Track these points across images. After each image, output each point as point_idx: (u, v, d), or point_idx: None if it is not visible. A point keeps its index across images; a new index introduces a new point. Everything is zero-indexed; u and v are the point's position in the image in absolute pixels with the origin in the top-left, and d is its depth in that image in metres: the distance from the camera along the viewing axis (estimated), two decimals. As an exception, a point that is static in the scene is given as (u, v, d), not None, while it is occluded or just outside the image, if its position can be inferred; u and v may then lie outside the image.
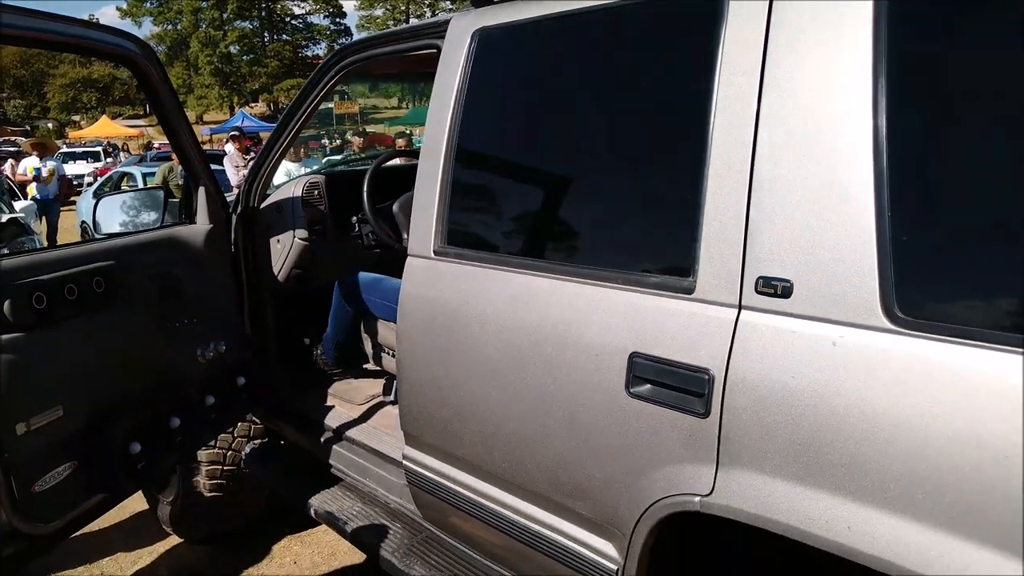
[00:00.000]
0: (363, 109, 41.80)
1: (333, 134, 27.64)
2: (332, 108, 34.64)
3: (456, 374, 1.83)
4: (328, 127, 29.82)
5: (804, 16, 1.27)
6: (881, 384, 1.11)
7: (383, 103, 51.90)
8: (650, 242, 1.52)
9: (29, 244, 6.46)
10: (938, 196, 1.16)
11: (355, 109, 37.63)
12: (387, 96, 50.83)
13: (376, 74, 3.54)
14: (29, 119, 53.89)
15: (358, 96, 39.37)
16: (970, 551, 1.02)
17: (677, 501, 1.38)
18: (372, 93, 48.09)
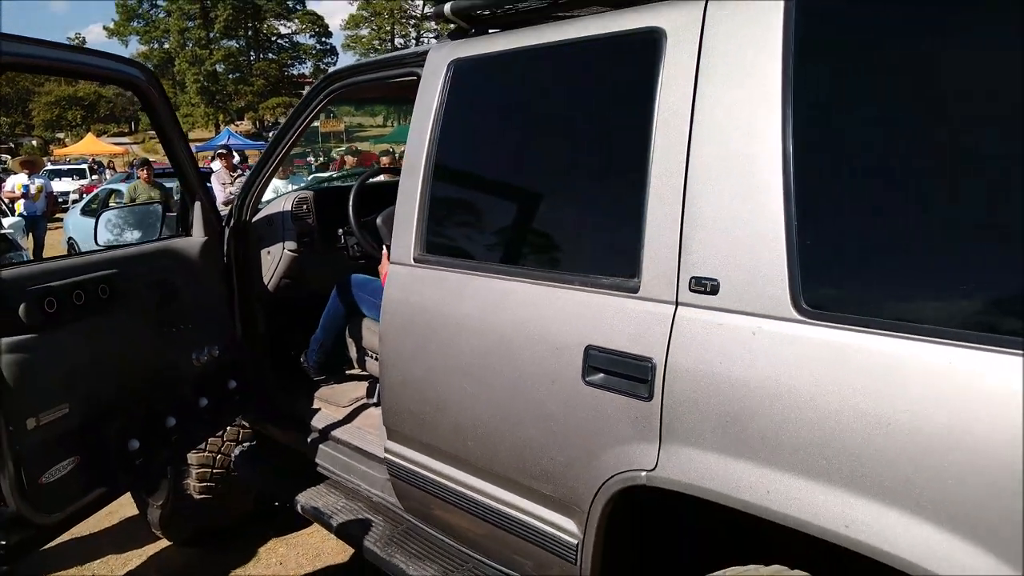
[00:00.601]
0: (349, 127, 42.09)
1: (319, 152, 27.87)
2: (318, 126, 34.90)
3: (433, 370, 2.01)
4: (314, 145, 30.06)
5: (727, 53, 1.48)
6: (790, 365, 1.31)
7: (368, 121, 52.21)
8: (602, 249, 1.72)
9: (17, 259, 6.59)
10: (836, 208, 1.36)
11: (340, 127, 37.92)
12: (372, 115, 51.17)
13: (361, 98, 3.72)
14: (13, 136, 53.73)
15: (344, 115, 39.66)
16: (864, 504, 1.22)
17: (627, 476, 1.56)
18: (358, 112, 48.41)
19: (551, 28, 1.89)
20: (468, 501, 2.00)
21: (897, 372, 1.20)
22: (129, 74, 2.34)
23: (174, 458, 2.78)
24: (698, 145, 1.50)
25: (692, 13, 1.57)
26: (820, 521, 1.26)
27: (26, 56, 2.01)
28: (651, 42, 1.62)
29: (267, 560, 3.39)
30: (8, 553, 2.06)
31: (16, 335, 1.99)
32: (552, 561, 1.80)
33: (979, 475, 1.10)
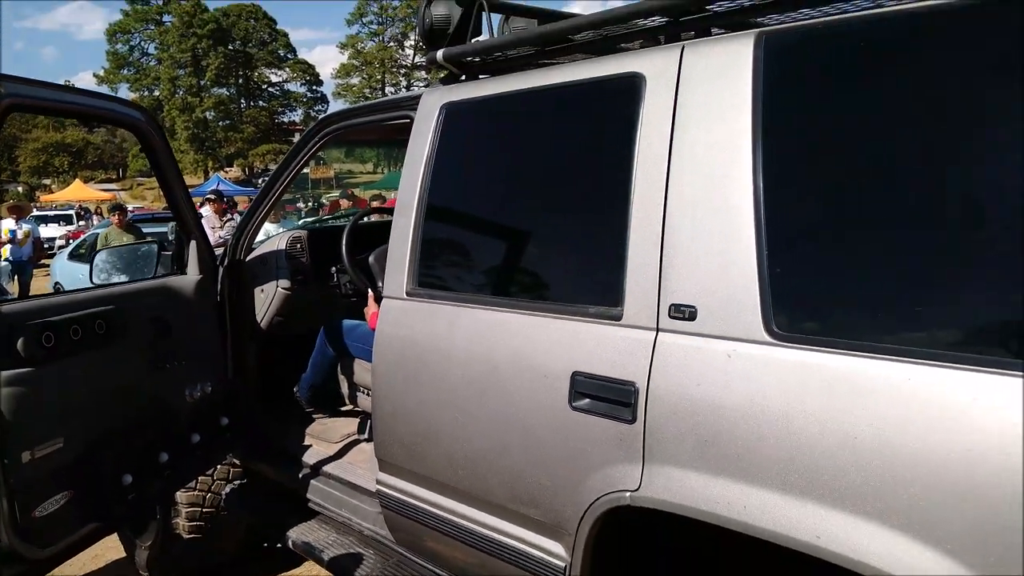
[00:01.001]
0: (339, 174, 42.51)
1: (308, 198, 28.08)
2: (308, 173, 35.18)
3: (425, 400, 2.07)
4: (304, 191, 30.29)
5: (701, 96, 1.59)
6: (763, 386, 1.39)
7: (359, 168, 52.75)
8: (587, 280, 1.81)
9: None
10: (802, 240, 1.46)
11: (331, 174, 38.25)
12: (362, 162, 51.73)
13: (354, 140, 3.84)
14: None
15: (334, 161, 40.08)
16: (834, 516, 1.28)
17: (612, 497, 1.62)
18: (348, 158, 48.96)
19: (538, 73, 2.00)
20: (459, 529, 2.04)
21: (861, 389, 1.28)
22: (130, 115, 2.44)
23: (166, 493, 2.79)
24: (675, 183, 1.60)
25: (669, 59, 1.68)
26: (794, 533, 1.32)
27: (32, 97, 2.10)
28: (632, 86, 1.73)
29: (255, 600, 3.38)
30: (0, 586, 2.08)
31: (13, 369, 2.04)
32: (540, 586, 1.84)
33: (939, 484, 1.17)
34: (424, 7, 2.27)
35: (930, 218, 1.32)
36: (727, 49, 1.60)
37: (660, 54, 1.72)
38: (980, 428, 1.15)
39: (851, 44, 1.45)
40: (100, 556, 3.85)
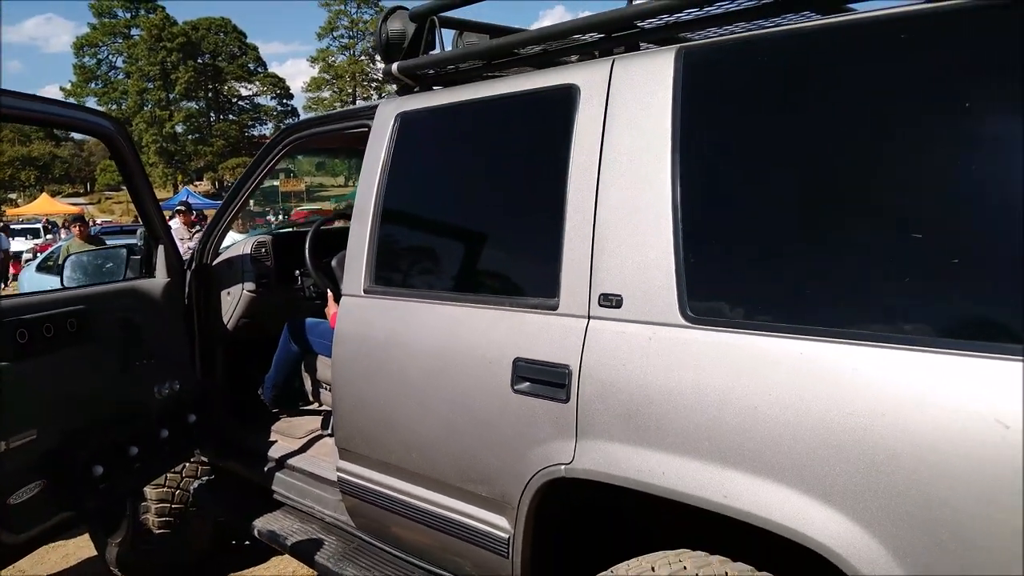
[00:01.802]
0: (310, 187, 42.40)
1: (279, 211, 28.05)
2: (278, 186, 35.10)
3: (382, 389, 2.21)
4: (274, 204, 30.23)
5: (628, 105, 1.76)
6: (678, 363, 1.55)
7: (329, 181, 52.65)
8: (528, 274, 1.96)
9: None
10: (713, 235, 1.63)
11: (301, 187, 38.14)
12: (333, 175, 51.64)
13: (317, 149, 3.98)
14: (-38, 197, 52.85)
15: (304, 174, 39.97)
16: (739, 477, 1.44)
17: (549, 471, 1.77)
18: (319, 172, 48.90)
19: (485, 85, 2.17)
20: (414, 510, 2.17)
21: (761, 364, 1.45)
22: (100, 125, 2.56)
23: (136, 486, 2.88)
24: (605, 185, 1.77)
25: (601, 71, 1.86)
26: (704, 494, 1.49)
27: (11, 107, 2.21)
28: (568, 97, 1.90)
29: (223, 594, 3.47)
30: (-26, 572, 2.17)
31: None
32: (487, 558, 1.98)
33: (826, 444, 1.34)
34: (381, 23, 2.42)
35: (817, 216, 1.50)
36: (651, 62, 1.77)
37: (593, 67, 1.89)
38: (860, 394, 1.32)
39: (757, 58, 1.63)
40: (71, 555, 3.92)
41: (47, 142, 59.21)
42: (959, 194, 1.33)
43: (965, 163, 1.34)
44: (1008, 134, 1.29)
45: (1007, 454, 1.14)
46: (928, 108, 1.39)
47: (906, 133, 1.41)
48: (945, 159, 1.36)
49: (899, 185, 1.40)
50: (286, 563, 3.72)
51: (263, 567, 3.70)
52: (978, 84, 1.33)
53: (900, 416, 1.26)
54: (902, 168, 1.40)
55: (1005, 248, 1.24)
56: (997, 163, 1.31)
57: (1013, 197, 1.23)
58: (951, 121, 1.36)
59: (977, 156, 1.34)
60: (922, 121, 1.40)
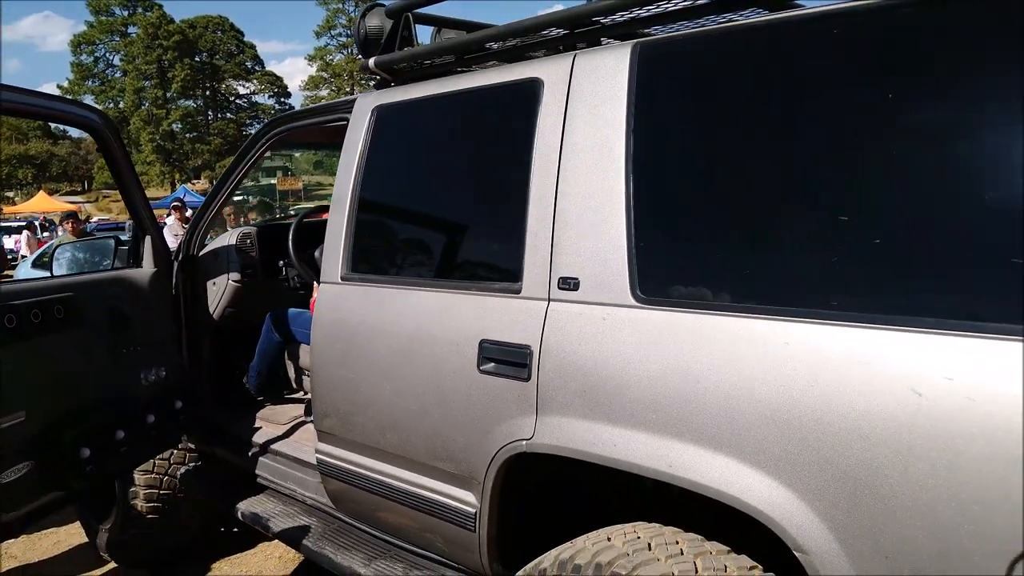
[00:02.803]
0: (307, 186, 42.42)
1: (276, 210, 28.06)
2: (275, 184, 35.11)
3: (357, 372, 2.30)
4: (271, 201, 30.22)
5: (587, 97, 1.84)
6: (629, 341, 1.64)
7: (327, 180, 52.59)
8: (494, 261, 2.05)
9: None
10: (663, 222, 1.71)
11: (299, 186, 38.16)
12: (332, 173, 51.54)
13: (299, 143, 4.07)
14: (-40, 195, 52.84)
15: (302, 173, 39.99)
16: (683, 447, 1.53)
17: (512, 447, 1.86)
18: (316, 171, 48.96)
19: (458, 78, 2.25)
20: (388, 488, 2.26)
21: (703, 340, 1.53)
22: (87, 117, 2.65)
23: (123, 469, 2.96)
24: (565, 174, 1.85)
25: (563, 65, 1.94)
26: (651, 464, 1.57)
27: (7, 100, 2.29)
28: (532, 89, 1.98)
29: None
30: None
31: None
32: (456, 533, 2.06)
33: (762, 415, 1.42)
34: (359, 19, 2.50)
35: (755, 204, 1.59)
36: (609, 57, 1.85)
37: (556, 61, 1.97)
38: (792, 367, 1.40)
39: (707, 52, 1.72)
40: (62, 541, 4.01)
41: (44, 140, 59.25)
42: (883, 182, 1.42)
43: (900, 152, 1.42)
44: (944, 123, 1.37)
45: (920, 420, 1.23)
46: (871, 98, 1.47)
47: (848, 124, 1.49)
48: (880, 151, 1.45)
49: (830, 176, 1.48)
50: (273, 548, 3.80)
51: (251, 552, 3.78)
52: (916, 73, 1.41)
53: (826, 385, 1.34)
54: (840, 160, 1.49)
55: (918, 227, 1.33)
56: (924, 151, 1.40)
57: (929, 183, 1.32)
58: (892, 110, 1.44)
59: (902, 144, 1.42)
60: (864, 112, 1.48)
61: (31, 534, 4.11)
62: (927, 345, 1.25)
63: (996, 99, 1.32)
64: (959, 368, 1.21)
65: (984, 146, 1.34)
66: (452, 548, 2.14)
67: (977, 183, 1.32)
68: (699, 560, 1.57)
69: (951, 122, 1.37)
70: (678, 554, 1.59)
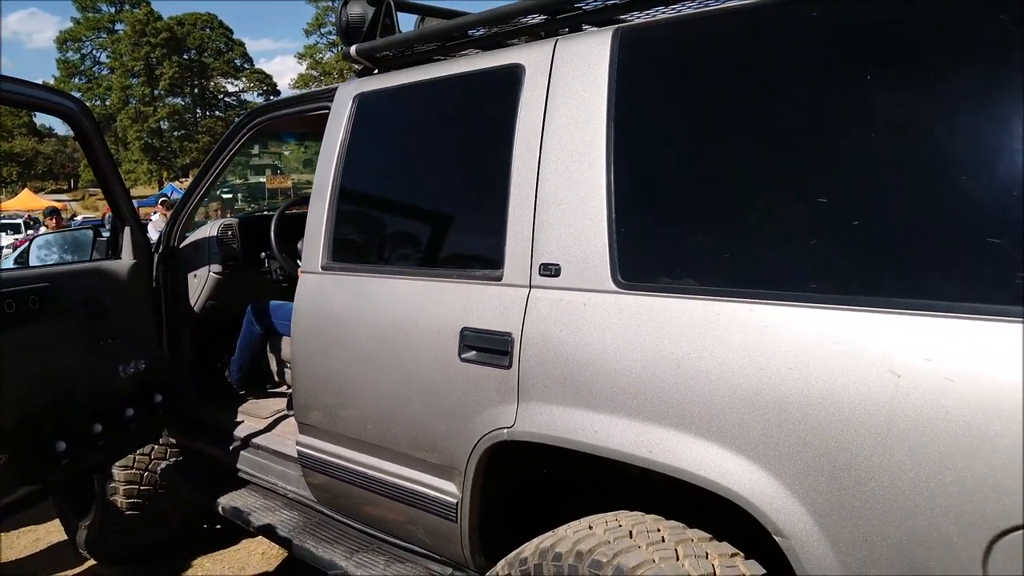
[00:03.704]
0: (296, 184, 42.25)
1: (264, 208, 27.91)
2: (264, 182, 34.96)
3: (338, 363, 2.27)
4: (260, 200, 30.08)
5: (568, 83, 1.83)
6: (610, 326, 1.62)
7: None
8: (475, 248, 2.03)
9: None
10: (642, 209, 1.70)
11: (288, 184, 37.99)
12: (320, 172, 51.36)
13: (280, 132, 4.04)
14: (-56, 193, 52.27)
15: (292, 172, 39.80)
16: (663, 432, 1.51)
17: (493, 435, 1.84)
18: (306, 169, 48.75)
19: (439, 66, 2.23)
20: (369, 480, 2.23)
21: (684, 324, 1.52)
22: (63, 104, 2.61)
23: (102, 463, 2.92)
24: (546, 160, 1.83)
25: (544, 51, 1.92)
26: (631, 450, 1.56)
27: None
28: (514, 75, 1.96)
29: (194, 573, 3.51)
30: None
31: None
32: (438, 523, 2.04)
33: (742, 398, 1.41)
34: (341, 7, 2.48)
35: (733, 187, 1.58)
36: (590, 42, 1.84)
37: (537, 47, 1.96)
38: (771, 350, 1.39)
39: (685, 37, 1.71)
40: (40, 539, 3.96)
41: (30, 138, 58.73)
42: (861, 166, 1.40)
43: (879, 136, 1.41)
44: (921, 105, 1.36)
45: (899, 402, 1.22)
46: (851, 81, 1.45)
47: (828, 108, 1.48)
48: (856, 134, 1.43)
49: (809, 160, 1.47)
50: (256, 544, 3.77)
51: (233, 549, 3.75)
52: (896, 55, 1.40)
53: (805, 368, 1.33)
54: (819, 143, 1.48)
55: (893, 209, 1.33)
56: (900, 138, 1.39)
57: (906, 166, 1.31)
58: (873, 93, 1.42)
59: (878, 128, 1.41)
60: (844, 95, 1.46)
61: (8, 531, 4.06)
62: (905, 326, 1.24)
63: (973, 79, 1.31)
64: (937, 349, 1.20)
65: (958, 129, 1.33)
66: (434, 539, 2.12)
67: (953, 166, 1.31)
68: (680, 547, 1.55)
69: (927, 103, 1.36)
70: (659, 541, 1.58)
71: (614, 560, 1.52)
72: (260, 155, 39.20)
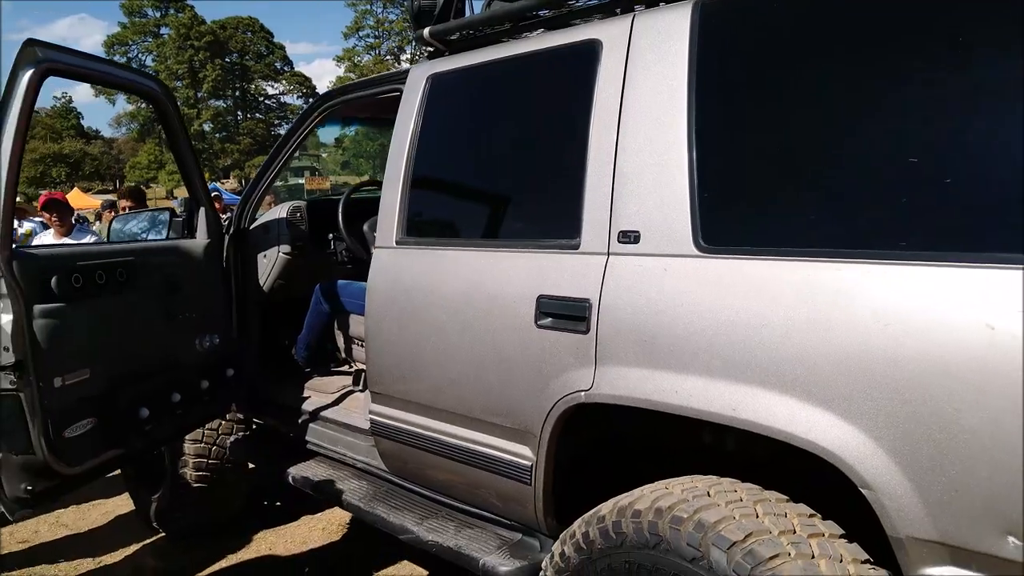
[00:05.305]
0: (335, 185, 42.76)
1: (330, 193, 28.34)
2: (303, 184, 35.43)
3: (413, 332, 2.34)
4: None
5: (647, 57, 1.87)
6: (692, 290, 1.66)
7: (355, 180, 53.02)
8: (552, 218, 2.08)
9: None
10: (724, 175, 1.73)
11: (326, 186, 38.44)
12: (359, 174, 52.03)
13: (351, 116, 4.14)
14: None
15: (331, 173, 40.29)
16: (747, 390, 1.55)
17: (569, 398, 1.89)
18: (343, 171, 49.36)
19: (512, 44, 2.29)
20: (441, 445, 2.30)
21: (768, 286, 1.55)
22: (147, 85, 2.74)
23: (178, 431, 3.03)
24: (624, 129, 1.88)
25: (623, 27, 1.97)
26: (714, 408, 1.60)
27: (66, 63, 2.37)
28: (592, 50, 2.02)
29: (258, 547, 3.62)
30: (33, 498, 2.33)
31: (47, 303, 2.30)
32: (511, 487, 2.10)
33: (829, 357, 1.44)
34: (412, -7, 2.55)
35: (813, 152, 1.62)
36: (669, 16, 1.88)
37: (615, 23, 2.01)
38: (858, 309, 1.42)
39: (767, 9, 1.74)
40: (110, 512, 4.12)
41: (78, 140, 60.33)
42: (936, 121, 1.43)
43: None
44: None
45: (993, 353, 1.24)
46: (924, 48, 1.48)
47: (901, 70, 1.51)
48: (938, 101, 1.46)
49: (891, 120, 1.50)
50: (316, 520, 3.87)
51: (295, 524, 3.85)
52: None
53: (893, 325, 1.36)
54: (897, 106, 1.50)
55: (980, 164, 1.35)
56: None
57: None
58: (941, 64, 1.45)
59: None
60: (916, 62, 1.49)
61: (80, 504, 4.22)
62: (998, 280, 1.26)
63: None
64: (1032, 300, 1.22)
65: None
66: (506, 503, 2.17)
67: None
68: (759, 506, 1.59)
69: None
70: (738, 501, 1.62)
71: (695, 516, 1.57)
72: (299, 158, 39.78)
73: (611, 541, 1.69)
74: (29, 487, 2.30)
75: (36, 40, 2.21)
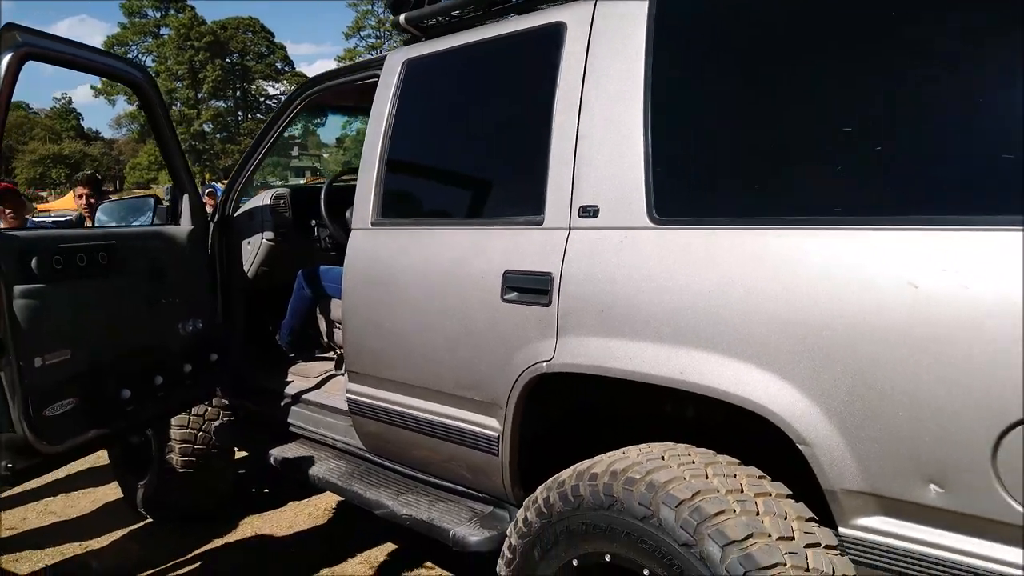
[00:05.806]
0: (333, 185, 42.81)
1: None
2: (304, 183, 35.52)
3: (388, 311, 2.40)
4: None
5: (607, 39, 1.93)
6: (646, 260, 1.72)
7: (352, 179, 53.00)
8: (518, 196, 2.14)
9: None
10: (676, 151, 1.79)
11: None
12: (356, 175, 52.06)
13: (332, 105, 4.20)
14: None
15: (329, 173, 40.42)
16: (694, 355, 1.61)
17: (532, 369, 1.95)
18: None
19: (484, 29, 2.35)
20: (415, 420, 2.36)
21: (716, 254, 1.61)
22: (130, 73, 2.79)
23: (161, 414, 3.08)
24: (586, 108, 1.94)
25: (586, 9, 2.03)
26: (663, 372, 1.65)
27: (46, 48, 2.41)
28: (556, 32, 2.08)
29: (244, 531, 3.67)
30: (13, 476, 2.38)
31: (28, 284, 2.35)
32: (479, 458, 2.16)
33: (769, 321, 1.50)
34: (389, -20, 2.61)
35: (757, 124, 1.69)
36: (630, 1, 1.94)
37: (579, 6, 2.07)
38: (799, 272, 1.48)
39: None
40: (99, 500, 4.17)
41: (78, 140, 60.45)
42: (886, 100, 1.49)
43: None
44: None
45: (918, 310, 1.30)
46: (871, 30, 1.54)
47: (841, 41, 1.57)
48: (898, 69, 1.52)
49: (825, 100, 1.57)
50: (302, 506, 3.93)
51: (280, 510, 3.91)
52: None
53: (828, 286, 1.42)
54: (838, 76, 1.56)
55: (916, 135, 1.41)
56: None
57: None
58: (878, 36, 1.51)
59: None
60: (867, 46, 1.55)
61: (69, 493, 4.28)
62: (922, 241, 1.32)
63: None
64: (952, 260, 1.28)
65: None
66: (476, 475, 2.23)
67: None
68: (710, 468, 1.65)
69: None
70: (690, 463, 1.67)
71: (647, 477, 1.62)
72: (300, 158, 39.89)
73: (569, 504, 1.74)
74: (10, 464, 2.35)
75: (15, 24, 2.26)
